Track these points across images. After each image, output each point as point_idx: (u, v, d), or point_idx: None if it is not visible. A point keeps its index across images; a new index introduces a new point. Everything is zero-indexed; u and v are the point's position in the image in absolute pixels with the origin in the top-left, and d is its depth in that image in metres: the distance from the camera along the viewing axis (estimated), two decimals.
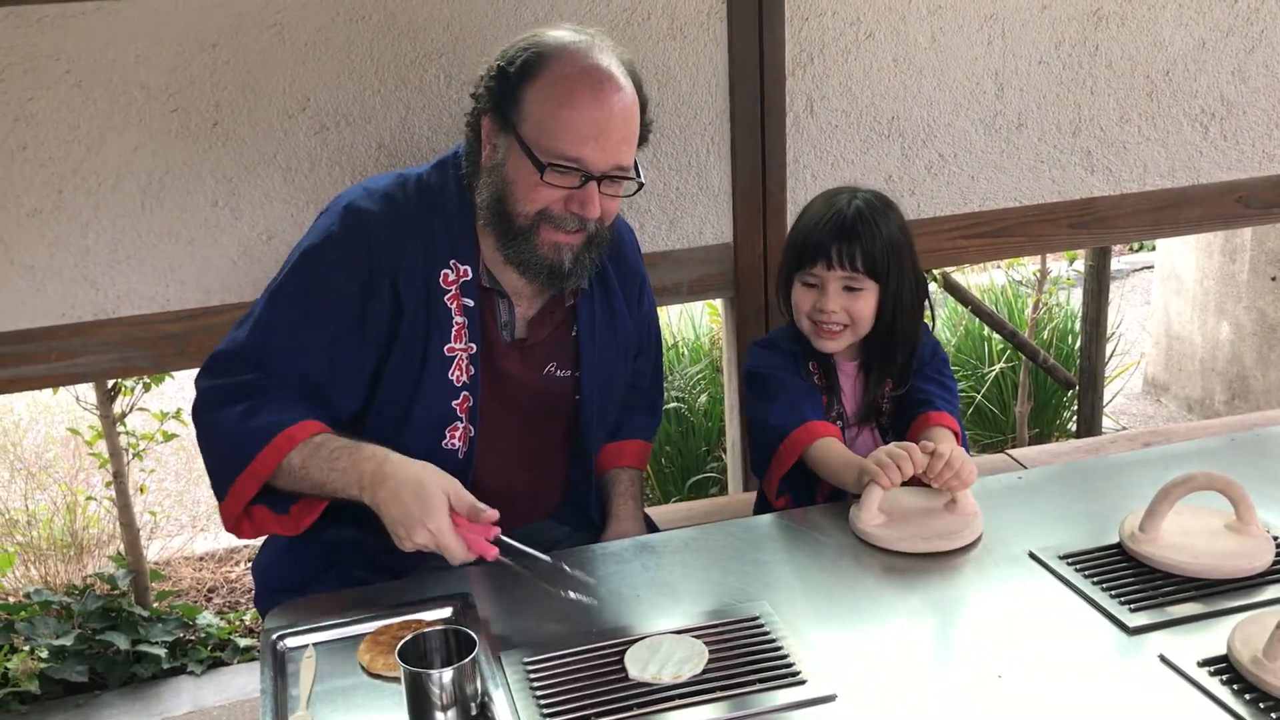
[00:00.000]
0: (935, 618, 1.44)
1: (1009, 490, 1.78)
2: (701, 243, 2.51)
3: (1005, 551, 1.59)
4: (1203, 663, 1.30)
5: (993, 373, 4.12)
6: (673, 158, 2.43)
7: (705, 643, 1.36)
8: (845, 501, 1.74)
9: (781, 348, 1.90)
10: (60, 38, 2.03)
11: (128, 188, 2.14)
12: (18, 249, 2.11)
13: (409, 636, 1.28)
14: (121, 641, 2.78)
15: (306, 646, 1.41)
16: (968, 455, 1.68)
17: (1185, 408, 4.60)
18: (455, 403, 1.68)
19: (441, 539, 1.44)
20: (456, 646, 1.29)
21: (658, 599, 1.50)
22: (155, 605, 3.02)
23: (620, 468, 1.94)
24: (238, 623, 3.07)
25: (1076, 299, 4.01)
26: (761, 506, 1.98)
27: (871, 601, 1.48)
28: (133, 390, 3.00)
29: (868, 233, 1.77)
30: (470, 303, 1.67)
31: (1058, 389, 4.05)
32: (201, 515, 4.07)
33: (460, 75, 2.27)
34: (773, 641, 1.37)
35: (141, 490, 3.39)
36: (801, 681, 1.29)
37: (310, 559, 1.74)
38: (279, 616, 1.52)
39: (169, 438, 3.18)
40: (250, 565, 2.71)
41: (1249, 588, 1.46)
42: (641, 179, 1.65)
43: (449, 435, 1.69)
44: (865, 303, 1.81)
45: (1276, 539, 1.55)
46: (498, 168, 1.62)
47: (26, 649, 2.74)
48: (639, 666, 1.31)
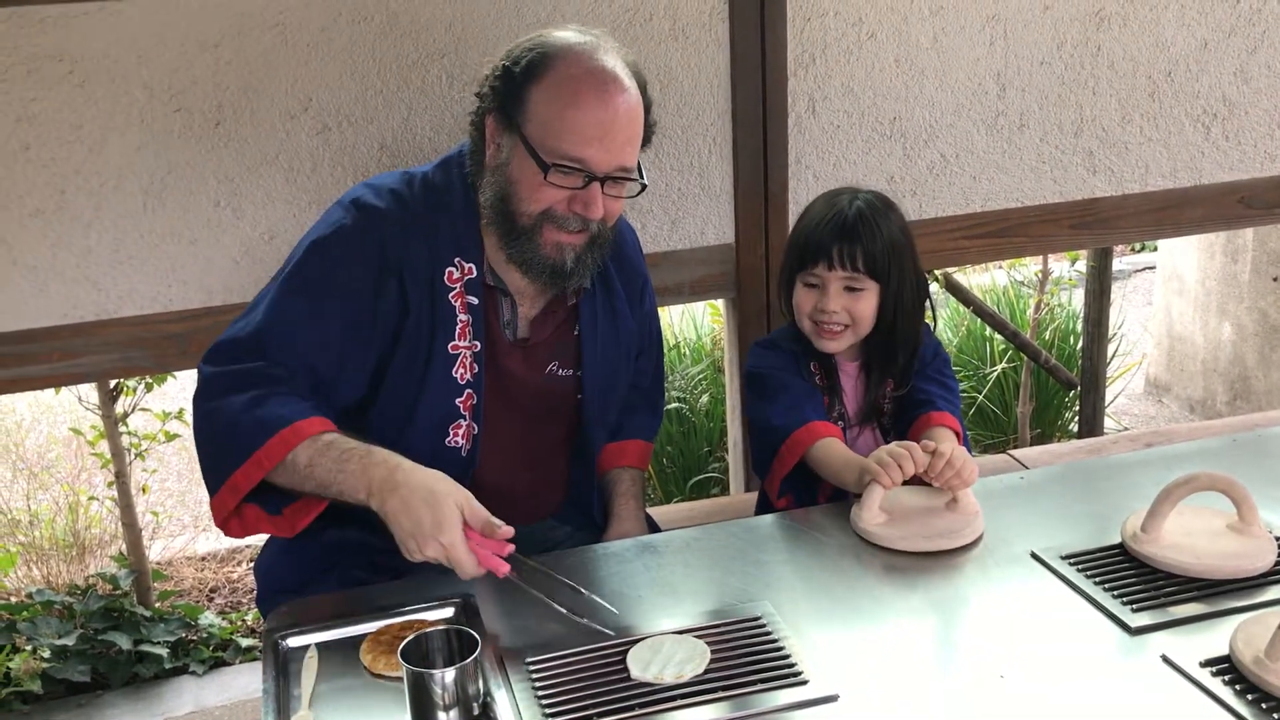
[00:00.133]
0: (937, 618, 1.44)
1: (1011, 490, 1.78)
2: (703, 243, 2.51)
3: (1007, 552, 1.59)
4: (1205, 663, 1.29)
5: (994, 373, 4.12)
6: (675, 158, 2.44)
7: (707, 643, 1.35)
8: (847, 501, 1.74)
9: (783, 348, 1.90)
10: (63, 38, 2.03)
11: (130, 188, 2.14)
12: (20, 249, 2.12)
13: (411, 636, 1.28)
14: (123, 641, 2.78)
15: (308, 646, 1.41)
16: (969, 454, 1.68)
17: (1187, 408, 4.60)
18: (459, 401, 1.68)
19: (454, 553, 1.40)
20: (459, 646, 1.29)
21: (659, 599, 1.50)
22: (157, 605, 3.02)
23: (622, 467, 1.95)
24: (240, 623, 3.07)
25: (1078, 299, 4.01)
26: (763, 507, 1.98)
27: (873, 601, 1.48)
28: (135, 390, 3.01)
29: (869, 233, 1.78)
30: (474, 301, 1.67)
31: (1059, 389, 4.05)
32: (203, 515, 4.08)
33: (462, 76, 2.27)
34: (774, 641, 1.37)
35: (144, 490, 3.40)
36: (803, 681, 1.29)
37: (312, 559, 1.73)
38: (281, 616, 1.52)
39: (171, 438, 3.18)
40: (252, 565, 2.72)
41: (1251, 588, 1.46)
42: (645, 180, 1.65)
43: (452, 433, 1.69)
44: (866, 303, 1.81)
45: (1278, 539, 1.55)
46: (501, 167, 1.62)
47: (29, 649, 2.74)
48: (641, 667, 1.31)
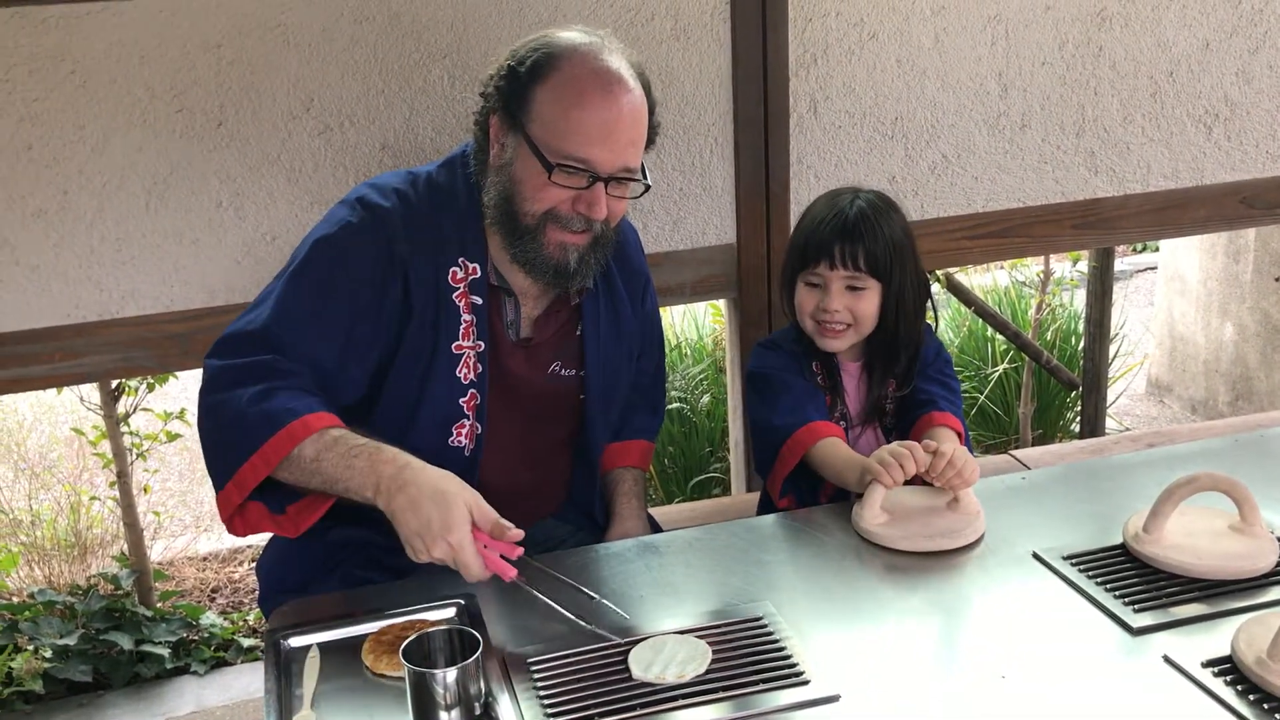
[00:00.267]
0: (939, 618, 1.44)
1: (1012, 491, 1.78)
2: (705, 243, 2.51)
3: (1009, 552, 1.58)
4: (1207, 663, 1.29)
5: (996, 374, 4.12)
6: (676, 158, 2.44)
7: (709, 643, 1.35)
8: (848, 501, 1.74)
9: (784, 348, 1.90)
10: (65, 38, 2.04)
11: (132, 188, 2.14)
12: (23, 249, 2.12)
13: (413, 636, 1.28)
14: (125, 641, 2.78)
15: (310, 646, 1.41)
16: (970, 454, 1.68)
17: (1189, 409, 4.60)
18: (462, 400, 1.68)
19: (461, 555, 1.39)
20: (460, 646, 1.29)
21: (661, 599, 1.50)
22: (159, 605, 3.02)
23: (623, 467, 1.95)
24: (241, 623, 3.07)
25: (1080, 300, 4.01)
26: (765, 507, 1.98)
27: (875, 601, 1.48)
28: (136, 390, 3.01)
29: (870, 232, 1.78)
30: (478, 300, 1.67)
31: (1061, 390, 4.05)
32: (205, 515, 4.08)
33: (464, 76, 2.27)
34: (776, 642, 1.37)
35: (145, 490, 3.40)
36: (805, 682, 1.29)
37: (314, 559, 1.73)
38: (283, 616, 1.52)
39: (173, 438, 3.18)
40: (254, 565, 2.72)
41: (1253, 588, 1.46)
42: (648, 181, 1.66)
43: (455, 433, 1.69)
44: (868, 302, 1.81)
45: None
46: (505, 167, 1.62)
47: (30, 649, 2.74)
48: (642, 667, 1.31)
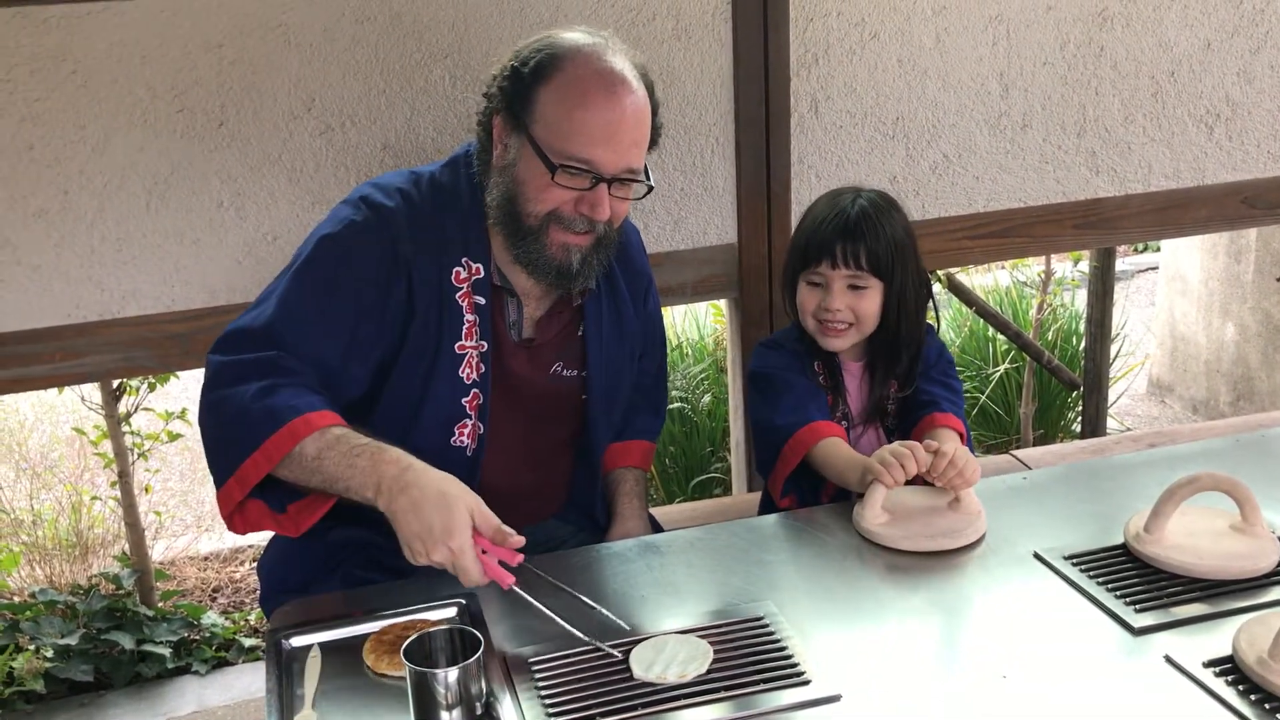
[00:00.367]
0: (940, 618, 1.44)
1: (1014, 491, 1.78)
2: (706, 243, 2.51)
3: (1010, 552, 1.58)
4: (1208, 663, 1.29)
5: (997, 374, 4.12)
6: (677, 158, 2.44)
7: (710, 643, 1.35)
8: (849, 501, 1.74)
9: (786, 348, 1.90)
10: (66, 38, 2.04)
11: (133, 188, 2.14)
12: (24, 249, 2.12)
13: (414, 636, 1.28)
14: (126, 641, 2.78)
15: (311, 646, 1.41)
16: (971, 454, 1.68)
17: (1190, 409, 4.60)
18: (465, 400, 1.68)
19: (461, 559, 1.38)
20: (461, 646, 1.29)
21: (662, 599, 1.50)
22: (160, 605, 3.02)
23: (625, 467, 1.95)
24: (242, 622, 3.07)
25: (1081, 300, 4.01)
26: (766, 507, 1.98)
27: (876, 601, 1.48)
28: (138, 390, 3.01)
29: (872, 231, 1.78)
30: (482, 300, 1.67)
31: (1062, 390, 4.05)
32: (206, 515, 4.08)
33: (465, 76, 2.27)
34: (777, 641, 1.37)
35: (146, 490, 3.40)
36: (806, 681, 1.29)
37: (315, 559, 1.73)
38: (284, 616, 1.52)
39: (174, 437, 3.19)
40: (255, 565, 2.72)
41: (1254, 588, 1.46)
42: (651, 182, 1.66)
43: (458, 433, 1.69)
44: (870, 301, 1.81)
45: None
46: (509, 167, 1.62)
47: (32, 648, 2.74)
48: (644, 666, 1.31)
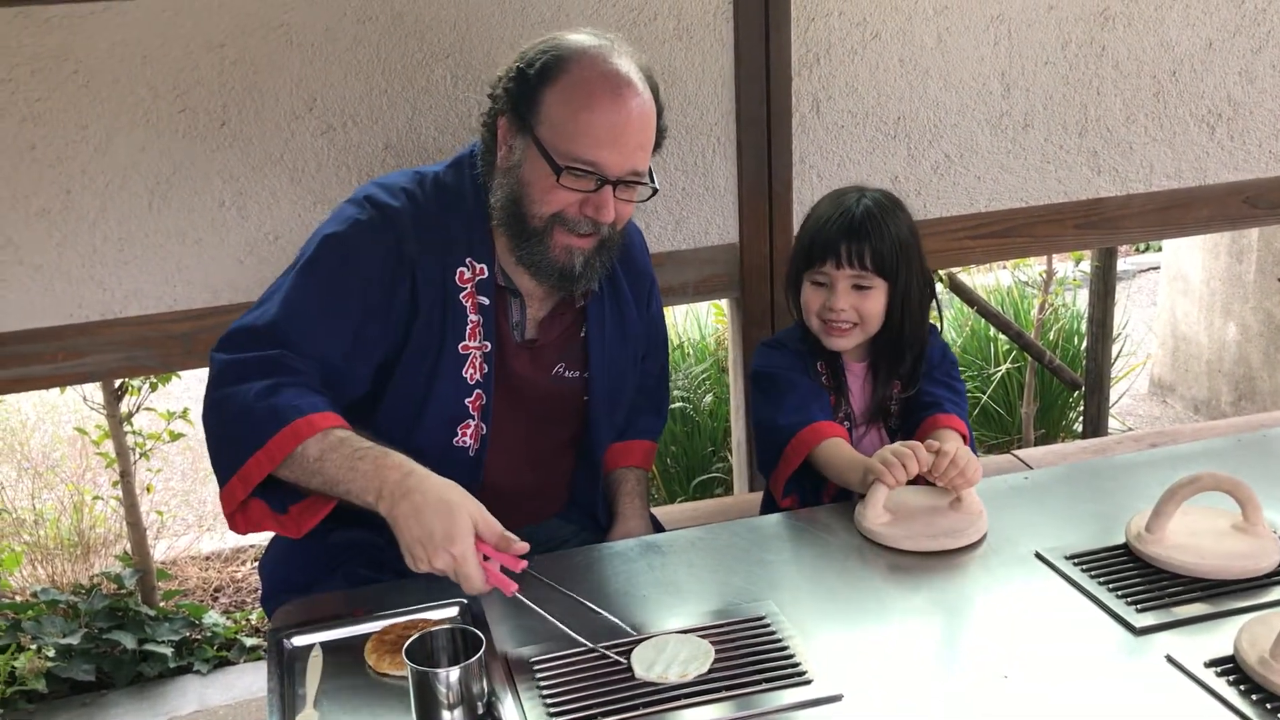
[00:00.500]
0: (941, 618, 1.44)
1: (1015, 491, 1.78)
2: (707, 243, 2.51)
3: (1011, 552, 1.58)
4: (1209, 663, 1.29)
5: (999, 373, 4.12)
6: (679, 158, 2.44)
7: (711, 642, 1.35)
8: (851, 501, 1.74)
9: (789, 348, 1.90)
10: (68, 38, 2.04)
11: (135, 188, 2.15)
12: (26, 249, 2.12)
13: (415, 636, 1.28)
14: (128, 641, 2.79)
15: (313, 646, 1.41)
16: (973, 454, 1.68)
17: (1191, 408, 4.59)
18: (468, 400, 1.68)
19: (464, 567, 1.37)
20: (463, 646, 1.29)
21: (663, 599, 1.50)
22: (161, 604, 3.02)
23: (626, 467, 1.95)
24: (244, 622, 3.08)
25: (1083, 300, 4.01)
26: (768, 506, 1.98)
27: (877, 601, 1.48)
28: (140, 390, 3.01)
29: (876, 231, 1.78)
30: (485, 301, 1.67)
31: (1064, 390, 4.05)
32: (208, 515, 4.08)
33: (467, 75, 2.27)
34: (778, 641, 1.37)
35: (148, 490, 3.40)
36: (807, 681, 1.29)
37: (317, 558, 1.73)
38: (285, 616, 1.52)
39: (175, 437, 3.19)
40: (256, 565, 2.72)
41: (1256, 588, 1.45)
42: (655, 185, 1.65)
43: (460, 433, 1.69)
44: (874, 301, 1.81)
45: None
46: (514, 169, 1.62)
47: (33, 648, 2.74)
48: (645, 666, 1.31)
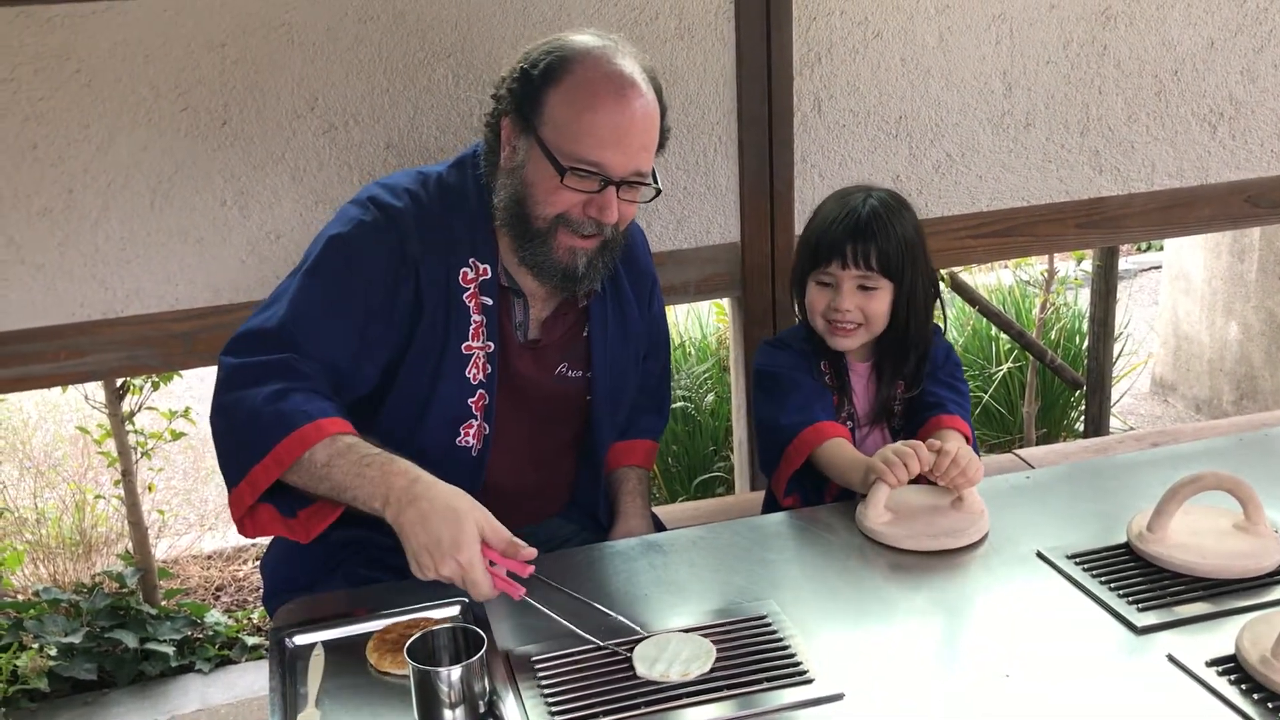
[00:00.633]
0: (943, 617, 1.44)
1: (1016, 490, 1.78)
2: (709, 242, 2.51)
3: (1013, 551, 1.58)
4: (1211, 662, 1.29)
5: (1000, 373, 4.12)
6: (680, 157, 2.43)
7: (712, 641, 1.36)
8: (852, 500, 1.74)
9: (793, 347, 1.90)
10: (70, 37, 2.04)
11: (137, 187, 2.15)
12: (28, 248, 2.12)
13: (417, 634, 1.28)
14: (130, 640, 2.79)
15: (315, 645, 1.42)
16: (974, 453, 1.68)
17: (1193, 408, 4.59)
18: (471, 400, 1.68)
19: (471, 574, 1.37)
20: (464, 645, 1.30)
21: (665, 598, 1.50)
22: (163, 603, 3.02)
23: (628, 466, 1.95)
24: (245, 621, 3.08)
25: (1084, 299, 4.01)
26: (770, 505, 1.98)
27: (879, 600, 1.48)
28: (141, 389, 3.01)
29: (882, 232, 1.77)
30: (489, 301, 1.67)
31: (1065, 389, 4.05)
32: (209, 514, 4.09)
33: (468, 75, 2.27)
34: (780, 640, 1.37)
35: (150, 489, 3.40)
36: (809, 680, 1.30)
37: (318, 557, 1.74)
38: (287, 615, 1.52)
39: (177, 436, 3.19)
40: (258, 564, 2.72)
41: (1257, 587, 1.46)
42: (659, 185, 1.65)
43: (463, 433, 1.69)
44: (879, 302, 1.80)
45: None
46: (517, 170, 1.62)
47: (35, 647, 2.75)
48: (647, 665, 1.31)
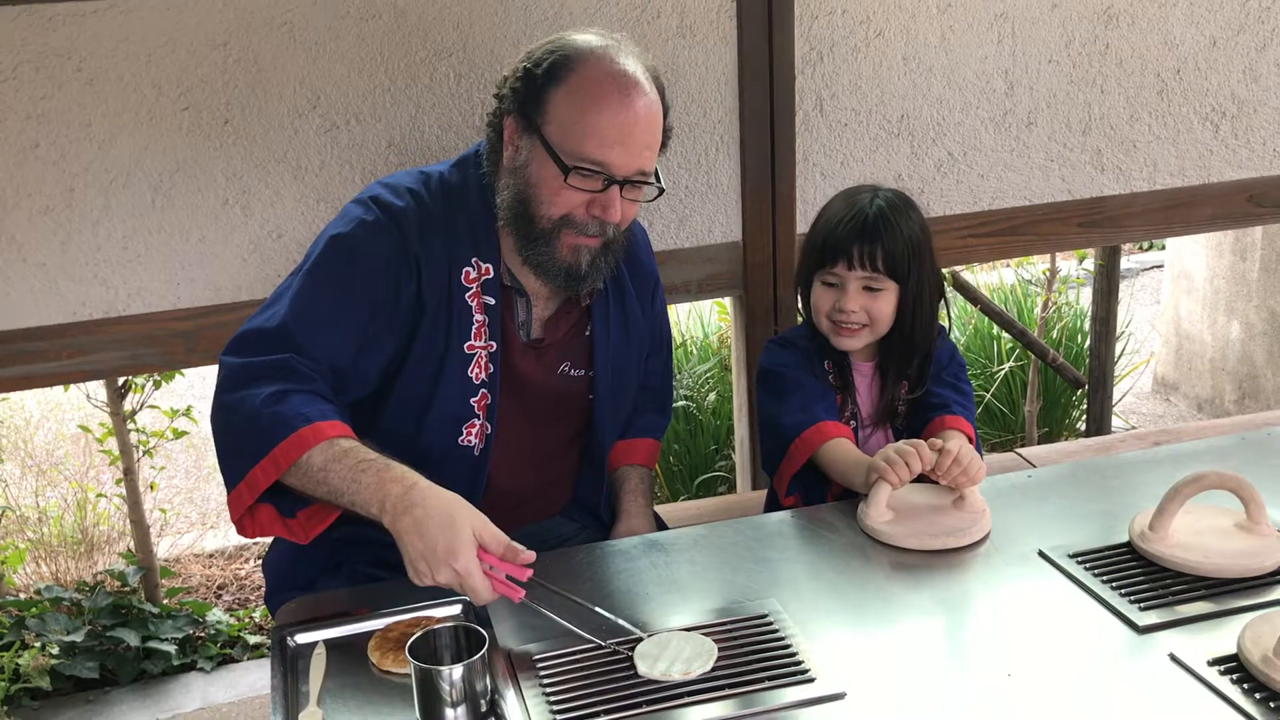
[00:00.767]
0: (945, 616, 1.44)
1: (1018, 489, 1.78)
2: (711, 241, 2.51)
3: (1015, 550, 1.58)
4: (1213, 661, 1.29)
5: (1002, 372, 4.12)
6: (682, 156, 2.43)
7: (714, 640, 1.35)
8: (854, 499, 1.74)
9: (797, 346, 1.90)
10: (72, 36, 2.04)
11: (139, 186, 2.15)
12: (30, 247, 2.12)
13: (419, 633, 1.28)
14: (132, 638, 2.79)
15: (316, 643, 1.42)
16: (976, 452, 1.68)
17: (1195, 407, 4.59)
18: (473, 400, 1.68)
19: (469, 580, 1.37)
20: (466, 643, 1.30)
21: (666, 596, 1.50)
22: (165, 602, 3.03)
23: (630, 465, 1.94)
24: (247, 619, 3.08)
25: (1086, 298, 4.01)
26: (772, 505, 1.98)
27: (880, 599, 1.48)
28: (143, 388, 3.02)
29: (889, 233, 1.76)
30: (491, 301, 1.67)
31: (1067, 388, 4.04)
32: (211, 512, 4.09)
33: (470, 74, 2.27)
34: (782, 639, 1.37)
35: (152, 487, 3.40)
36: (810, 679, 1.29)
37: (320, 556, 1.74)
38: (289, 613, 1.53)
39: (179, 435, 3.19)
40: (260, 562, 2.72)
41: (1259, 587, 1.45)
42: (662, 184, 1.65)
43: (466, 432, 1.69)
44: (885, 303, 1.80)
45: None
46: (521, 169, 1.62)
47: (37, 645, 2.75)
48: (648, 664, 1.31)
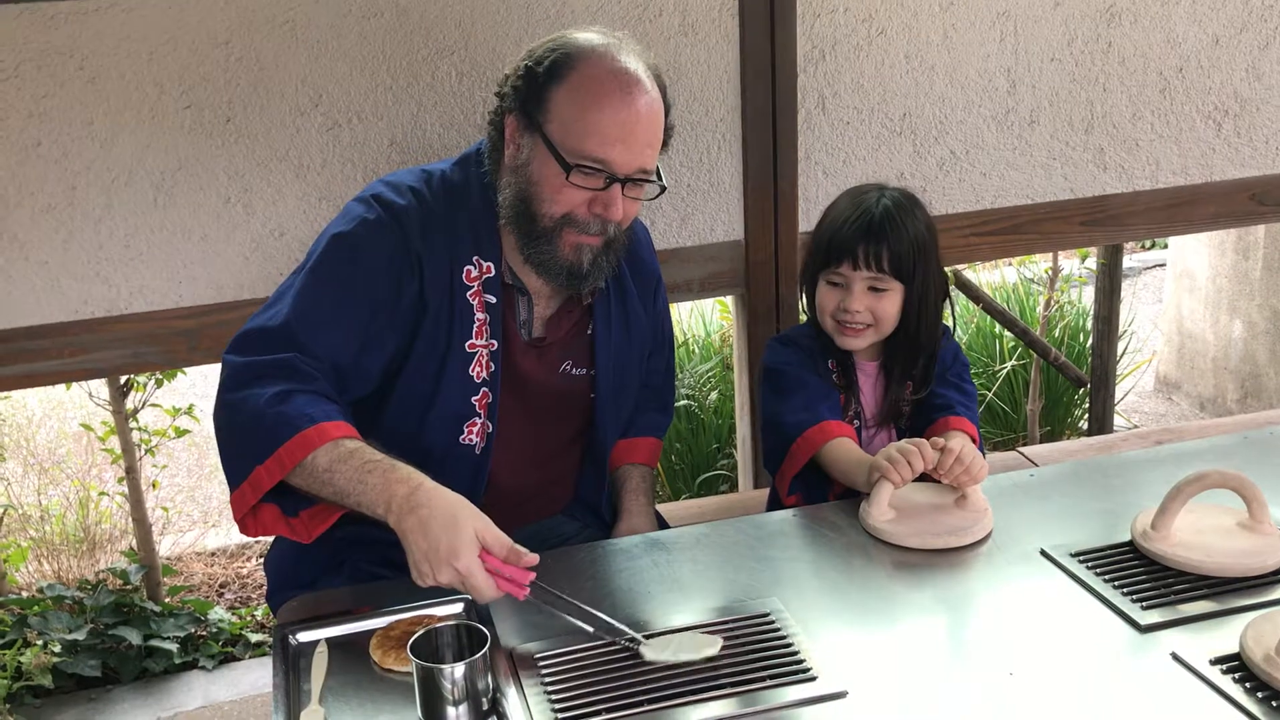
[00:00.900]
0: (947, 615, 1.44)
1: (1020, 488, 1.78)
2: (713, 239, 2.51)
3: (1017, 549, 1.58)
4: (1215, 660, 1.29)
5: (1004, 370, 4.11)
6: (684, 154, 2.43)
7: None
8: (856, 498, 1.74)
9: (801, 345, 1.89)
10: (73, 35, 2.04)
11: (140, 184, 2.15)
12: (32, 245, 2.12)
13: (420, 632, 1.28)
14: (134, 636, 2.79)
15: (318, 642, 1.42)
16: (978, 452, 1.68)
17: (1197, 406, 4.59)
18: (475, 399, 1.68)
19: (471, 580, 1.37)
20: (468, 642, 1.30)
21: (668, 596, 1.50)
22: (167, 600, 3.03)
23: (632, 464, 1.94)
24: (249, 618, 3.08)
25: (1088, 297, 4.00)
26: (774, 504, 1.98)
27: (882, 598, 1.48)
28: (145, 386, 3.02)
29: (895, 234, 1.76)
30: (492, 299, 1.67)
31: (1069, 387, 4.04)
32: (213, 511, 4.09)
33: (472, 72, 2.27)
34: (783, 638, 1.37)
35: (154, 486, 3.41)
36: (812, 678, 1.29)
37: (322, 554, 1.74)
38: (291, 611, 1.52)
39: (181, 433, 3.19)
40: (262, 561, 2.72)
41: (1261, 586, 1.45)
42: (664, 183, 1.65)
43: (467, 431, 1.69)
44: (890, 303, 1.80)
45: None
46: (522, 167, 1.62)
47: (39, 643, 2.75)
48: (655, 651, 1.32)
